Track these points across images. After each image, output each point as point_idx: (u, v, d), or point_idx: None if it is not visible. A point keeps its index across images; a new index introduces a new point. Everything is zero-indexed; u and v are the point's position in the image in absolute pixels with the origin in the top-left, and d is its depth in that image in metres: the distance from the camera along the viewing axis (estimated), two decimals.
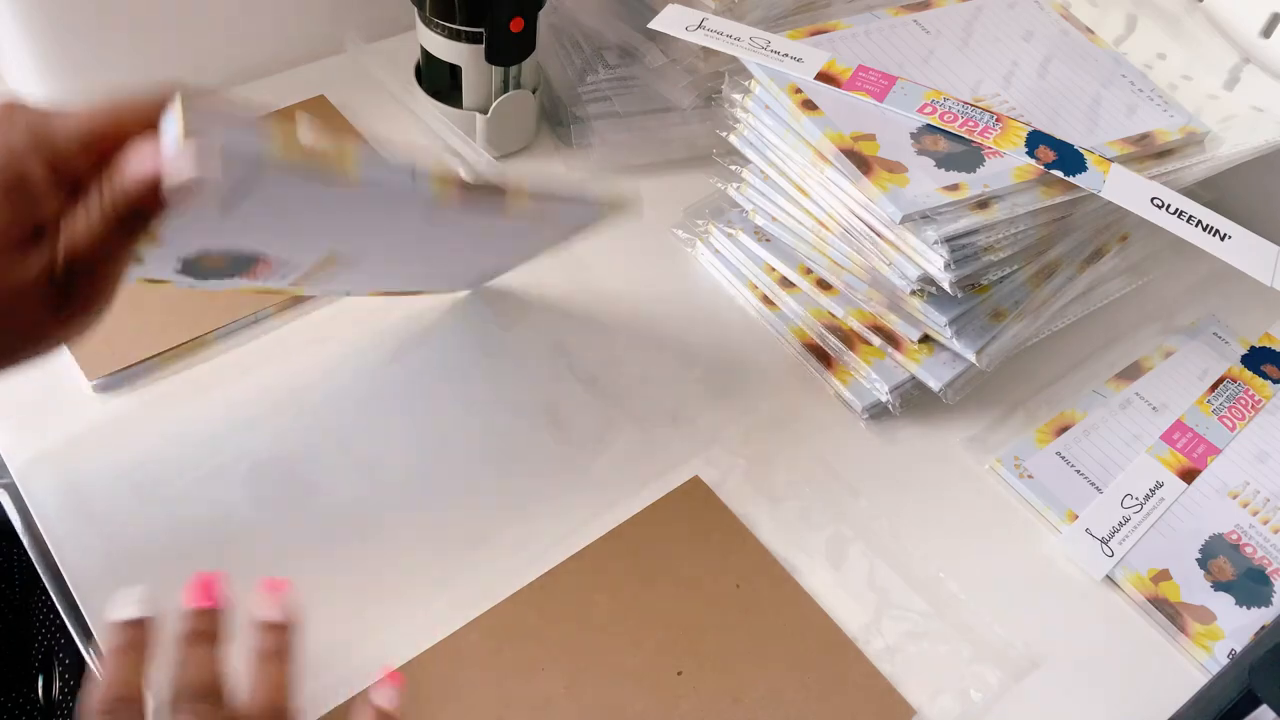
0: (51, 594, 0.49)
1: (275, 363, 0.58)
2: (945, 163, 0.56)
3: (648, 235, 0.68)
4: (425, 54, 0.68)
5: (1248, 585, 0.55)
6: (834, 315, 0.62)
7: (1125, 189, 0.56)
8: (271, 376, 0.58)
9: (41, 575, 0.49)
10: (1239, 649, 0.52)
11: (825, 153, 0.57)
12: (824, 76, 0.59)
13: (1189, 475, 0.59)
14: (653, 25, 0.62)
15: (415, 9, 0.65)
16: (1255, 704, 0.42)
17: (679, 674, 0.49)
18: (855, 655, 0.50)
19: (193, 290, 0.48)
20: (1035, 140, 0.57)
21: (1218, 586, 0.55)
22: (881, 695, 0.49)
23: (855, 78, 0.60)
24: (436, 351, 0.60)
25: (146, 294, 0.47)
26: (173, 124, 0.35)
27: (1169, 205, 0.55)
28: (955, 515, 0.57)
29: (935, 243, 0.53)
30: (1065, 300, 0.64)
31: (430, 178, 0.42)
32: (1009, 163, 0.56)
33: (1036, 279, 0.62)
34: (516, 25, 0.65)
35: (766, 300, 0.65)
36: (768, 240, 0.64)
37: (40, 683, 0.65)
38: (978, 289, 0.59)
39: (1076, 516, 0.57)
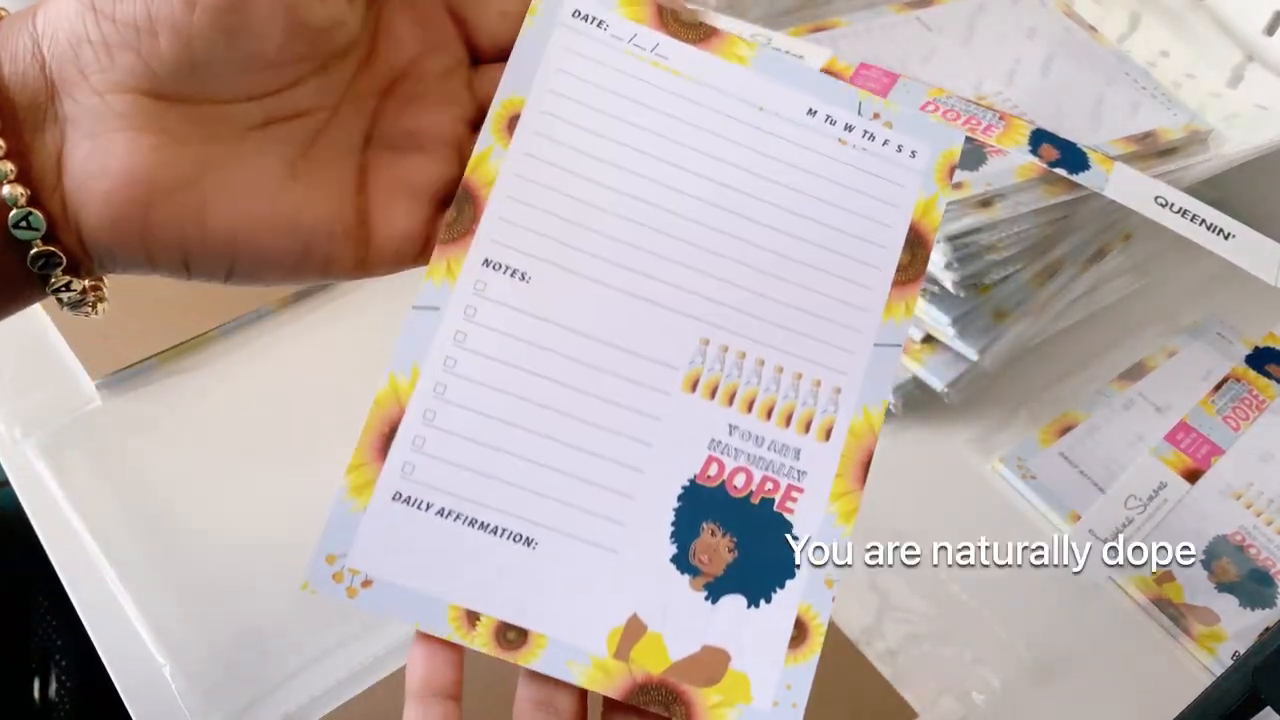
0: (48, 596, 0.49)
1: (279, 360, 0.58)
2: None
3: None
4: None
5: (1251, 587, 0.54)
6: None
7: (1129, 188, 0.55)
8: (276, 373, 0.57)
9: (38, 576, 0.49)
10: (1243, 651, 0.52)
11: None
12: (825, 74, 0.59)
13: (1192, 476, 0.58)
14: None
15: None
16: (1259, 706, 0.41)
17: None
18: (856, 657, 0.50)
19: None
20: (1038, 138, 0.57)
21: (1221, 588, 0.54)
22: (883, 697, 0.49)
23: (857, 75, 0.59)
24: None
25: (147, 292, 0.47)
26: None
27: (1173, 204, 0.54)
28: (958, 516, 0.57)
29: (937, 241, 0.53)
30: (1068, 300, 0.64)
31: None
32: (1012, 161, 0.56)
33: (1039, 278, 0.61)
34: None
35: None
36: None
37: (37, 684, 0.65)
38: (980, 288, 0.58)
39: (1079, 517, 0.56)
